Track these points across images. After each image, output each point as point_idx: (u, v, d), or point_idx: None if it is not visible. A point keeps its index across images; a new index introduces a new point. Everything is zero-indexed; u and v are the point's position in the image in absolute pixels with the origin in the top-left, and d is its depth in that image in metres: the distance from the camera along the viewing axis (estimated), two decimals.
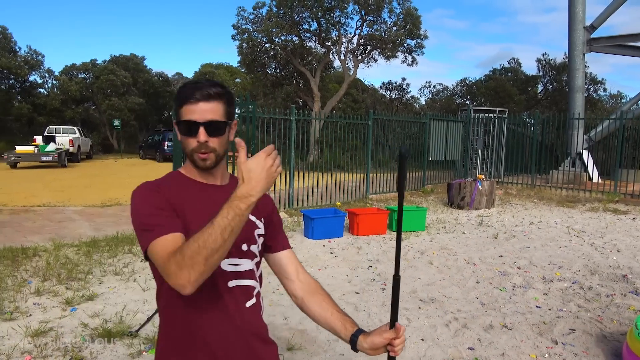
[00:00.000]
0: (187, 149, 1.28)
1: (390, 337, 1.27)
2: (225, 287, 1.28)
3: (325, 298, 1.41)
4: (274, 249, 1.45)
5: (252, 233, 1.35)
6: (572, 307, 4.25)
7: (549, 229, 7.89)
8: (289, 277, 1.44)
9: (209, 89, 1.24)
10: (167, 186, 1.28)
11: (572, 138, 14.67)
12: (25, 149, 18.08)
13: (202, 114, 1.23)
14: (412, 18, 22.09)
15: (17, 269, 4.88)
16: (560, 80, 28.35)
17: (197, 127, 1.23)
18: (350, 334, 1.31)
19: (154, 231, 1.15)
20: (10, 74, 27.93)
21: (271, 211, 1.46)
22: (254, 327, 1.35)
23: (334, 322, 1.35)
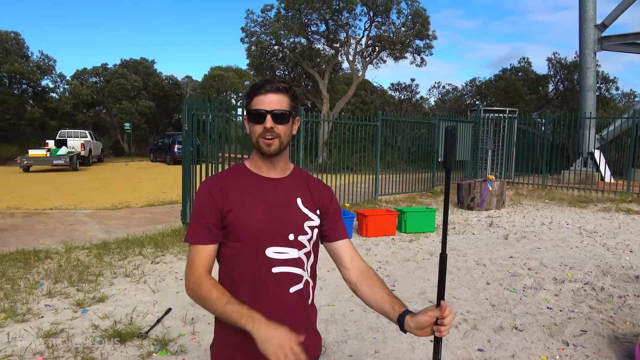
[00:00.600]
0: (254, 136, 1.40)
1: (435, 315, 1.29)
2: (269, 273, 1.38)
3: (376, 282, 1.47)
4: (331, 238, 1.53)
5: (302, 225, 1.44)
6: (583, 308, 4.20)
7: (560, 230, 7.81)
8: (344, 264, 1.52)
9: (277, 84, 1.40)
10: (227, 181, 1.42)
11: (583, 137, 14.51)
12: (38, 152, 18.31)
13: (270, 104, 1.37)
14: (421, 18, 22.03)
15: (29, 271, 4.94)
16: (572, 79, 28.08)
17: (265, 115, 1.37)
18: (397, 314, 1.36)
19: (191, 235, 1.40)
20: (23, 79, 28.37)
21: (329, 202, 1.54)
22: (297, 313, 1.43)
23: (384, 304, 1.41)
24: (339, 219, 1.56)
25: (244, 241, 1.38)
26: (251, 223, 1.37)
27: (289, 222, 1.41)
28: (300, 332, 1.40)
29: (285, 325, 1.37)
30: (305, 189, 1.49)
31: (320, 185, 1.56)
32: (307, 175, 1.56)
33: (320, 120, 11.09)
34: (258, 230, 1.37)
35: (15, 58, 27.33)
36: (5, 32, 27.75)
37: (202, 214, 1.39)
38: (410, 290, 4.63)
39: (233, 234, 1.38)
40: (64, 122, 28.42)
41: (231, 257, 1.40)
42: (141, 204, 10.11)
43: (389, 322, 3.73)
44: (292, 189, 1.47)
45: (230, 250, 1.40)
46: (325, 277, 4.99)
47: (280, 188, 1.44)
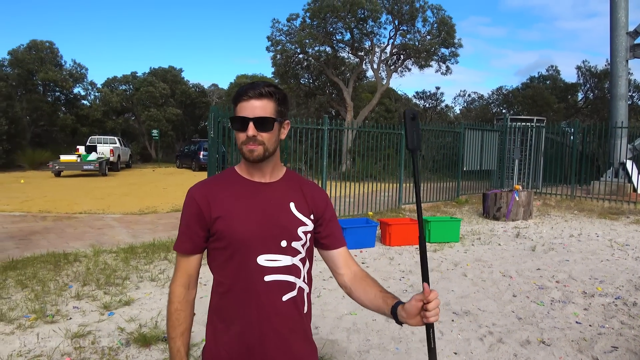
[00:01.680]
0: (238, 142, 1.37)
1: (421, 299, 1.25)
2: (260, 281, 1.35)
3: (369, 282, 1.45)
4: (329, 247, 1.50)
5: (295, 230, 1.40)
6: (614, 323, 4.06)
7: (590, 242, 7.59)
8: (339, 270, 1.50)
9: (261, 88, 1.34)
10: (213, 187, 1.41)
11: (615, 147, 14.11)
12: (69, 158, 18.86)
13: (253, 110, 1.33)
14: (447, 27, 21.89)
15: (59, 274, 5.07)
16: (602, 87, 27.42)
17: (247, 122, 1.33)
18: (390, 307, 1.34)
19: (176, 242, 1.44)
20: (56, 87, 29.33)
21: (324, 207, 1.49)
22: (290, 321, 1.39)
23: (378, 302, 1.39)
24: (335, 225, 1.52)
25: (233, 249, 1.35)
26: (241, 230, 1.34)
27: (280, 228, 1.37)
28: (293, 342, 1.40)
29: (280, 336, 1.37)
30: (298, 193, 1.44)
31: (315, 189, 1.51)
32: (300, 178, 1.52)
33: (344, 129, 11.10)
34: (248, 237, 1.34)
35: (50, 67, 28.28)
36: (40, 41, 28.77)
37: (187, 222, 1.39)
38: None
39: (222, 241, 1.35)
40: (94, 129, 29.23)
41: (222, 265, 1.38)
42: (167, 210, 10.28)
43: (413, 333, 3.69)
44: (284, 193, 1.42)
45: (220, 258, 1.38)
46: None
47: (271, 192, 1.40)
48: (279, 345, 1.37)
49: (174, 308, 1.40)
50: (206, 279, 5.04)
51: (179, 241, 1.41)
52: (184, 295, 1.41)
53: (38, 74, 27.90)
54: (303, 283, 1.42)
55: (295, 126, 8.63)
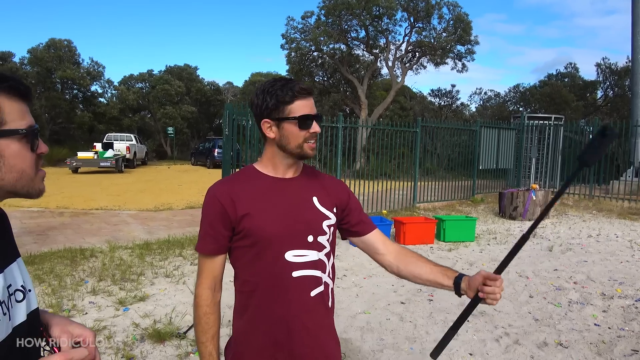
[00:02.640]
0: (297, 140, 1.34)
1: (486, 277, 1.29)
2: (289, 277, 1.34)
3: (419, 258, 1.48)
4: (361, 232, 1.52)
5: (320, 224, 1.40)
6: (634, 326, 3.97)
7: (609, 243, 7.45)
8: (379, 251, 1.52)
9: (307, 86, 1.36)
10: (235, 185, 1.38)
11: (635, 146, 13.82)
12: (86, 155, 19.12)
13: (312, 108, 1.36)
14: (463, 24, 21.68)
15: (75, 269, 5.13)
16: (622, 85, 26.90)
17: (311, 120, 1.34)
18: (453, 280, 1.39)
19: (199, 243, 1.39)
20: (74, 85, 29.76)
21: (347, 199, 1.51)
22: (318, 317, 1.40)
23: (435, 276, 1.42)
24: (362, 212, 1.55)
25: (261, 246, 1.33)
26: (268, 227, 1.33)
27: (306, 223, 1.37)
28: (321, 337, 1.40)
29: (308, 331, 1.37)
30: (319, 187, 1.45)
31: (334, 182, 1.52)
32: (318, 172, 1.52)
33: (358, 126, 11.06)
34: (275, 234, 1.33)
35: (68, 65, 28.68)
36: (59, 40, 29.19)
37: (210, 222, 1.36)
38: (449, 300, 4.52)
39: (249, 239, 1.34)
40: (111, 126, 29.63)
41: (248, 264, 1.36)
42: (182, 206, 10.35)
43: (427, 333, 3.65)
44: (307, 188, 1.42)
45: (247, 256, 1.36)
46: (361, 285, 4.94)
47: (294, 188, 1.40)
48: (307, 340, 1.37)
49: (202, 312, 1.37)
50: None
51: (203, 242, 1.37)
52: (212, 298, 1.38)
53: (56, 72, 28.33)
54: (328, 278, 1.43)
55: None
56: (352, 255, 6.17)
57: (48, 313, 1.00)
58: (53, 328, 0.96)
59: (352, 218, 1.50)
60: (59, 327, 0.96)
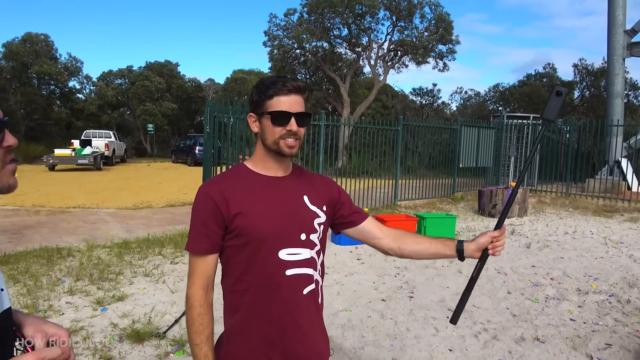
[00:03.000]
0: (273, 136, 1.35)
1: (494, 235, 1.46)
2: (282, 275, 1.35)
3: (416, 236, 1.57)
4: (357, 222, 1.56)
5: (312, 223, 1.41)
6: (608, 321, 4.07)
7: (585, 239, 7.62)
8: (377, 235, 1.56)
9: (298, 82, 1.36)
10: (227, 183, 1.37)
11: (610, 145, 14.15)
12: (63, 152, 18.73)
13: (293, 105, 1.34)
14: (444, 23, 21.87)
15: (51, 269, 5.03)
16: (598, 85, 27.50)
17: (289, 117, 1.33)
18: (455, 247, 1.49)
19: (191, 243, 1.36)
20: (51, 80, 29.14)
21: (338, 194, 1.54)
22: (310, 314, 1.41)
23: (437, 248, 1.52)
24: (352, 204, 1.58)
25: (254, 245, 1.33)
26: (261, 225, 1.32)
27: (299, 222, 1.38)
28: (313, 334, 1.42)
29: (300, 328, 1.38)
30: (309, 186, 1.46)
31: (324, 180, 1.55)
32: (307, 172, 1.54)
33: (340, 124, 11.08)
34: (269, 232, 1.33)
35: (45, 59, 28.06)
36: (35, 34, 28.54)
37: (203, 220, 1.34)
38: (429, 297, 4.57)
39: (242, 238, 1.33)
40: (89, 123, 29.08)
41: (241, 262, 1.35)
42: (162, 205, 10.24)
43: (408, 330, 3.69)
44: (297, 187, 1.43)
45: (240, 255, 1.35)
46: (342, 282, 4.96)
47: (286, 186, 1.41)
48: (300, 338, 1.38)
49: (196, 313, 1.34)
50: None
51: (195, 242, 1.35)
52: (205, 298, 1.36)
53: (33, 67, 27.69)
54: (318, 275, 1.44)
55: None
56: (333, 253, 6.18)
57: (22, 313, 0.98)
58: (26, 328, 0.94)
59: (344, 211, 1.53)
60: (33, 327, 0.94)
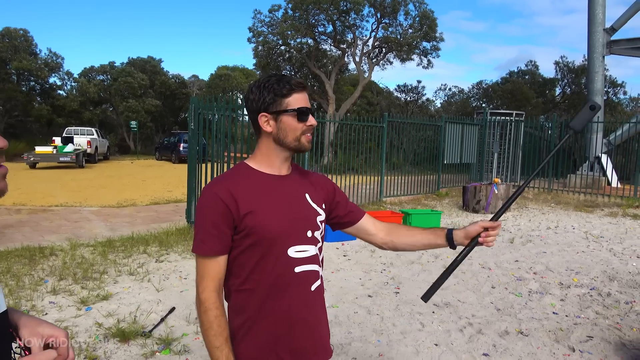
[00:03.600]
0: (295, 133, 1.36)
1: (486, 225, 1.47)
2: (292, 273, 1.36)
3: (408, 228, 1.59)
4: (353, 221, 1.58)
5: (315, 220, 1.44)
6: (590, 313, 4.16)
7: (566, 234, 7.75)
8: (371, 232, 1.59)
9: (303, 81, 1.42)
10: (234, 183, 1.36)
11: (590, 142, 14.42)
12: (44, 149, 18.39)
13: (307, 101, 1.38)
14: (428, 20, 21.98)
15: (34, 268, 4.95)
16: (579, 83, 27.94)
17: (308, 113, 1.37)
18: (444, 235, 1.51)
19: (200, 245, 1.33)
20: (31, 76, 28.54)
21: (333, 192, 1.56)
22: (318, 310, 1.44)
23: (428, 238, 1.54)
24: (348, 202, 1.60)
25: (264, 244, 1.33)
26: (271, 224, 1.33)
27: (304, 219, 1.41)
28: (319, 329, 1.45)
29: (307, 324, 1.40)
30: (308, 184, 1.48)
31: (321, 178, 1.57)
32: (305, 170, 1.56)
33: (326, 121, 11.08)
34: (279, 231, 1.34)
35: (24, 55, 27.48)
36: (14, 29, 27.93)
37: (213, 221, 1.31)
38: (415, 292, 4.61)
39: (251, 237, 1.32)
40: (70, 120, 28.58)
41: (250, 262, 1.34)
42: (146, 202, 10.13)
43: (394, 325, 3.71)
44: (299, 185, 1.45)
45: (249, 254, 1.34)
46: (329, 279, 4.97)
47: (290, 185, 1.43)
48: (307, 334, 1.40)
49: (213, 315, 1.31)
50: (186, 272, 4.99)
51: (207, 243, 1.31)
52: (220, 301, 1.34)
53: (12, 63, 27.08)
54: (321, 270, 1.47)
55: None
56: None
57: (18, 313, 0.96)
58: (22, 330, 0.92)
59: (340, 211, 1.56)
60: (28, 329, 0.92)
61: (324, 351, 1.46)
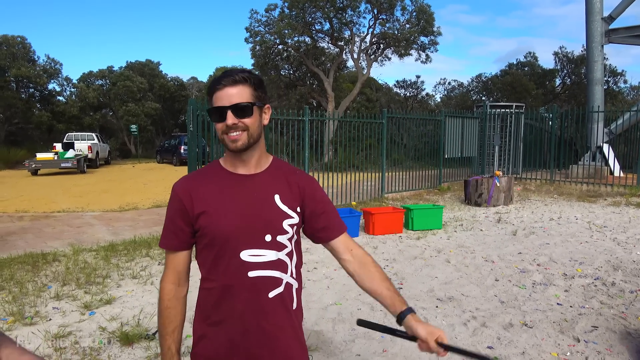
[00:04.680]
0: (219, 134, 1.34)
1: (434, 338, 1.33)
2: (245, 277, 1.32)
3: (379, 274, 1.45)
4: (325, 239, 1.50)
5: (280, 223, 1.36)
6: (594, 303, 4.14)
7: (569, 225, 7.73)
8: (341, 256, 1.49)
9: (234, 75, 1.31)
10: (197, 182, 1.38)
11: (591, 131, 14.37)
12: (45, 156, 18.43)
13: (229, 98, 1.30)
14: (425, 15, 21.91)
15: (37, 274, 4.96)
16: (579, 73, 27.83)
17: (225, 111, 1.30)
18: (399, 312, 1.38)
19: (162, 240, 1.41)
20: (30, 83, 28.57)
21: (312, 198, 1.44)
22: (277, 318, 1.37)
23: (387, 300, 1.41)
24: (329, 215, 1.47)
25: (217, 245, 1.32)
26: (223, 225, 1.31)
27: (264, 222, 1.34)
28: (280, 339, 1.37)
29: (264, 332, 1.34)
30: (283, 184, 1.40)
31: (303, 180, 1.45)
32: (287, 167, 1.47)
33: (325, 119, 11.07)
34: (230, 232, 1.31)
35: (22, 62, 27.51)
36: (12, 36, 27.95)
37: (171, 218, 1.37)
38: (418, 287, 4.60)
39: (206, 237, 1.33)
40: (71, 125, 28.61)
41: (206, 261, 1.36)
42: (148, 206, 10.14)
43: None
44: (269, 185, 1.38)
45: (205, 254, 1.36)
46: (332, 276, 4.97)
47: (254, 185, 1.37)
48: (264, 342, 1.34)
49: (164, 306, 1.38)
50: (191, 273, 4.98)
51: (164, 238, 1.39)
52: (174, 293, 1.39)
53: (10, 70, 27.11)
54: (291, 278, 1.40)
55: (276, 118, 8.55)
56: (321, 247, 6.17)
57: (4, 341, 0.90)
58: None
59: (316, 222, 1.46)
60: None
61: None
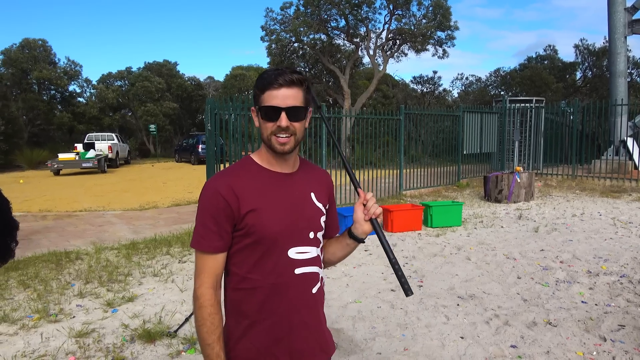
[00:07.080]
0: (265, 132, 1.31)
1: (362, 202, 1.37)
2: (291, 275, 1.33)
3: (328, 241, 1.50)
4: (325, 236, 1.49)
5: (318, 220, 1.39)
6: (620, 302, 4.04)
7: (593, 221, 7.57)
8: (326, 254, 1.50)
9: (291, 75, 1.28)
10: (237, 179, 1.32)
11: (615, 125, 14.02)
12: (67, 156, 18.79)
13: (285, 99, 1.27)
14: (442, 9, 21.67)
15: (61, 272, 5.05)
16: (600, 65, 27.25)
17: (279, 112, 1.27)
18: (347, 234, 1.43)
19: (199, 240, 1.31)
20: (51, 85, 29.17)
21: (331, 194, 1.50)
22: (318, 312, 1.42)
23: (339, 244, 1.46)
24: (334, 213, 1.52)
25: (265, 243, 1.30)
26: (272, 224, 1.29)
27: (307, 220, 1.36)
28: (320, 331, 1.42)
29: (308, 326, 1.37)
30: (316, 182, 1.43)
31: (325, 177, 1.49)
32: (312, 166, 1.49)
33: (342, 116, 11.02)
34: (280, 231, 1.30)
35: (44, 65, 28.09)
36: (33, 40, 28.56)
37: (213, 217, 1.28)
38: (439, 285, 4.55)
39: (251, 236, 1.30)
40: (91, 126, 29.14)
41: (248, 261, 1.32)
42: (168, 204, 10.25)
43: (418, 319, 3.66)
44: (305, 184, 1.40)
45: (247, 253, 1.32)
46: (351, 274, 4.95)
47: (294, 184, 1.37)
48: (307, 336, 1.37)
49: (207, 313, 1.29)
50: None
51: (206, 239, 1.29)
52: (215, 298, 1.31)
53: (32, 73, 27.73)
54: (323, 273, 1.44)
55: None
56: None
57: None
58: None
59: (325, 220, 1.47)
60: None
61: (323, 353, 1.43)
